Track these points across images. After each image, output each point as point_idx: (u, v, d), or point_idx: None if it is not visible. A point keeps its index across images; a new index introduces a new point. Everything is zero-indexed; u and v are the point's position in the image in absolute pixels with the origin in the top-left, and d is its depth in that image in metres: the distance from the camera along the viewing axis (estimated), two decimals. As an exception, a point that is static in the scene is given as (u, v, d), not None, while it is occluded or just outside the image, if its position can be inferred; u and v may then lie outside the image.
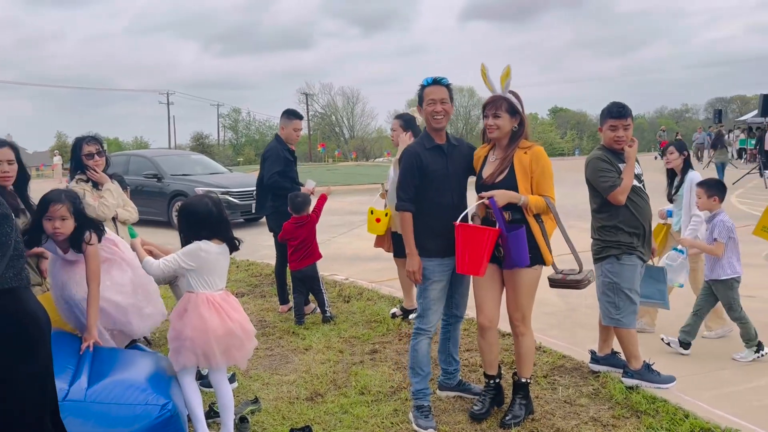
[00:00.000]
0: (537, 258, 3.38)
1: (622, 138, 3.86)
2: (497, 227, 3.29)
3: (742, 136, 29.57)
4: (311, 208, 5.60)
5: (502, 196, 3.29)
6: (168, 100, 64.04)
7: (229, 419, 3.36)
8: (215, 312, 3.24)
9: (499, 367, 3.72)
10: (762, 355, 4.35)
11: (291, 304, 5.86)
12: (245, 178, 14.37)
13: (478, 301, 3.55)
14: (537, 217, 3.39)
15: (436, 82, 3.55)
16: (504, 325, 3.95)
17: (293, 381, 4.20)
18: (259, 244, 9.86)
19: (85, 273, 3.43)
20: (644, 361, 3.94)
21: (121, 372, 3.16)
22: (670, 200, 5.20)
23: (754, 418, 3.43)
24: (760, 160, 19.73)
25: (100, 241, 3.51)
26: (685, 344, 4.50)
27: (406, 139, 5.10)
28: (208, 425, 3.40)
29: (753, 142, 26.19)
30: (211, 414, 3.59)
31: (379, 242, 5.67)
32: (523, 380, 3.56)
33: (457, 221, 3.34)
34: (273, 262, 8.40)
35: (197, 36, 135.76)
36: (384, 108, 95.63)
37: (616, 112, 3.86)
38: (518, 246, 3.25)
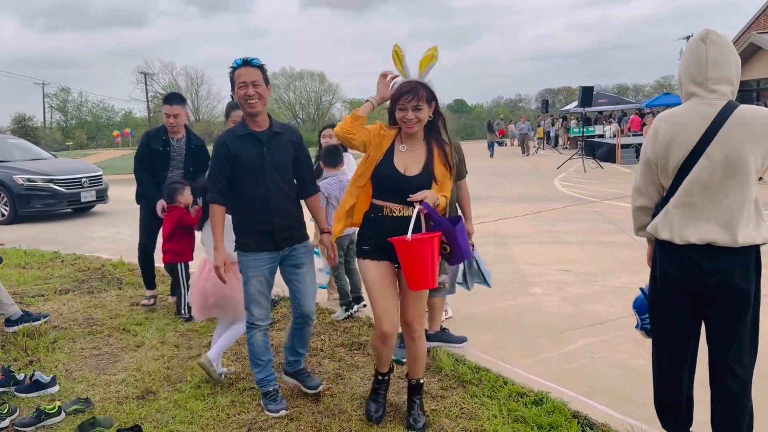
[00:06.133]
0: None
1: None
2: (437, 230, 2.99)
3: (571, 125, 32.55)
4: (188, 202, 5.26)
5: (431, 197, 2.95)
6: (-18, 77, 57.28)
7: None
8: None
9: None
10: (352, 313, 5.07)
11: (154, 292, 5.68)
12: (73, 165, 13.24)
13: (379, 309, 3.13)
14: None
15: (247, 63, 3.30)
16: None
17: (122, 380, 3.96)
18: (87, 236, 9.18)
19: None
20: (441, 326, 4.42)
21: None
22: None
23: (563, 381, 3.80)
24: (581, 146, 21.82)
25: None
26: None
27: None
28: None
29: (576, 130, 28.99)
30: None
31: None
32: (422, 381, 3.37)
33: (395, 238, 2.93)
34: (102, 255, 7.92)
35: (15, 9, 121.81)
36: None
37: None
38: (464, 238, 3.08)
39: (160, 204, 5.25)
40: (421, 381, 3.34)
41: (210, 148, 4.23)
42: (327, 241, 3.52)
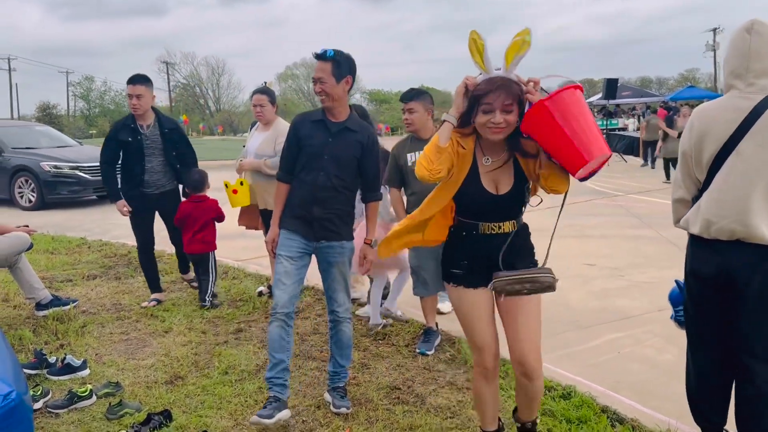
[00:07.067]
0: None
1: (407, 120, 4.17)
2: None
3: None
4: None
5: None
6: (9, 65, 58.34)
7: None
8: None
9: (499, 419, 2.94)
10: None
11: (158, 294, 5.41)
12: (98, 152, 13.37)
13: (480, 341, 2.68)
14: None
15: (319, 56, 3.21)
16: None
17: (151, 365, 4.02)
18: (112, 223, 9.29)
19: None
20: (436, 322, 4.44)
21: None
22: None
23: (590, 375, 3.78)
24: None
25: None
26: None
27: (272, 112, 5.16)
28: None
29: (599, 123, 28.70)
30: None
31: (244, 219, 5.53)
32: (537, 419, 2.91)
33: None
34: (128, 242, 7.97)
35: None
36: (252, 80, 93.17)
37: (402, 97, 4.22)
38: None
39: (121, 204, 5.05)
40: (536, 420, 2.89)
41: (228, 137, 4.21)
42: (365, 253, 3.47)
